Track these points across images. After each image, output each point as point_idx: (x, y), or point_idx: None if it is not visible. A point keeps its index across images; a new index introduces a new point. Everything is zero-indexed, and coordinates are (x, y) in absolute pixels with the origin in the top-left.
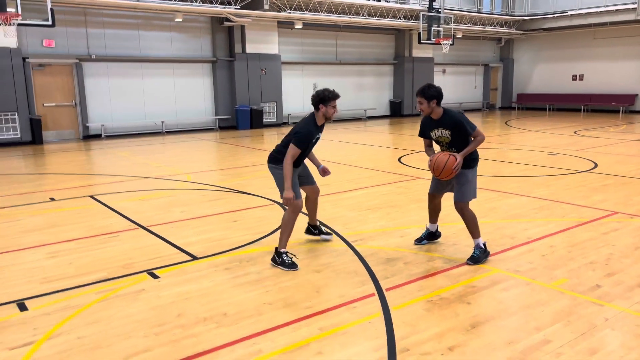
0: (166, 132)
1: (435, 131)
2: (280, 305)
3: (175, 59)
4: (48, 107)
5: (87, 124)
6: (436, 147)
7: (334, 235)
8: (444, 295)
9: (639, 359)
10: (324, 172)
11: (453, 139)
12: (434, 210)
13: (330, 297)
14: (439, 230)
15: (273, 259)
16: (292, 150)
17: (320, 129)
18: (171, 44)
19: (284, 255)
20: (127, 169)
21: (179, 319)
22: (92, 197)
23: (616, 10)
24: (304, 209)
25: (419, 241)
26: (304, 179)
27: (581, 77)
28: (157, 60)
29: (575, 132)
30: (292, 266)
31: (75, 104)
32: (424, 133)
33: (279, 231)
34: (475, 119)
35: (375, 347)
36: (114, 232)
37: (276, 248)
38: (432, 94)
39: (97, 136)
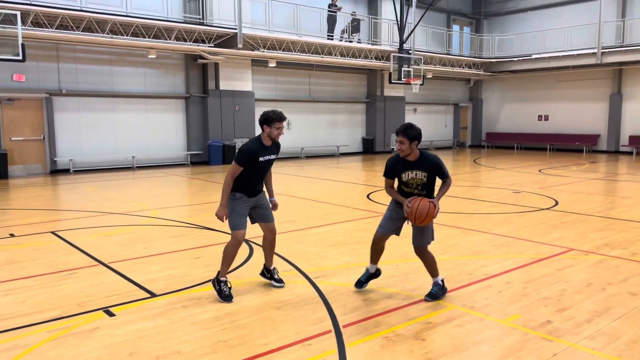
0: (137, 167)
1: (409, 172)
2: (236, 343)
3: (148, 94)
4: (15, 141)
5: (55, 159)
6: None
7: (297, 271)
8: (400, 332)
9: None
10: (273, 204)
11: (428, 181)
12: (379, 252)
13: (287, 334)
14: (379, 269)
15: (213, 282)
16: (232, 168)
17: (270, 150)
18: (144, 80)
19: (222, 285)
20: (94, 205)
21: (131, 358)
22: (54, 233)
23: (577, 54)
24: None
25: (359, 285)
26: (261, 215)
27: (546, 118)
28: (130, 95)
29: (540, 171)
30: (227, 298)
31: (44, 138)
32: (391, 174)
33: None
34: (446, 157)
35: None
36: (73, 269)
37: (218, 273)
38: (415, 134)
39: (65, 171)
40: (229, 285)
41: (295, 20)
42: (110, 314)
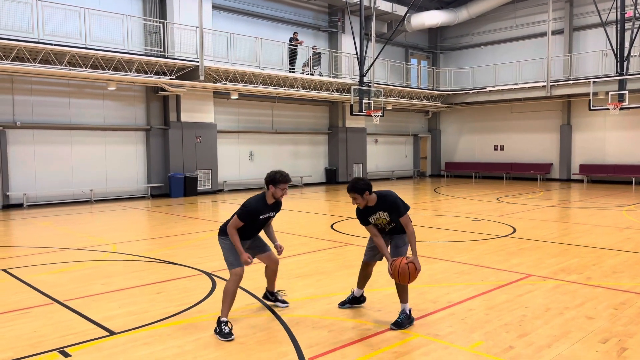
0: (95, 200)
1: (373, 216)
2: None
3: (107, 126)
4: None
5: (7, 193)
6: None
7: (261, 305)
8: None
9: None
10: (278, 249)
11: (392, 218)
12: (365, 278)
13: None
14: (364, 295)
15: (215, 329)
16: (234, 222)
17: (271, 207)
18: (103, 112)
19: (222, 325)
20: (48, 240)
21: None
22: (5, 271)
23: (528, 87)
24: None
25: (342, 304)
26: (258, 249)
27: (502, 147)
28: (88, 127)
29: (497, 199)
30: (227, 336)
31: None
32: (365, 221)
33: (221, 301)
34: (406, 186)
35: None
36: (25, 308)
37: (218, 317)
38: (363, 187)
39: (19, 205)
40: (230, 326)
41: (257, 53)
42: (66, 355)
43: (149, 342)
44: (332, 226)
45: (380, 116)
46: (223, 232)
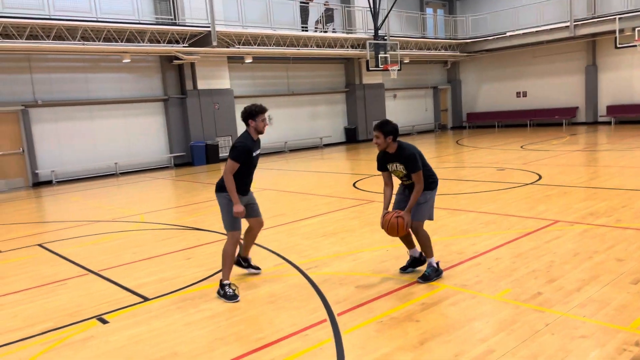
0: (120, 173)
1: (391, 165)
2: (232, 340)
3: (125, 99)
4: None
5: (36, 171)
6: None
7: (289, 265)
8: (394, 315)
9: None
10: None
11: (408, 172)
12: (405, 237)
13: (283, 326)
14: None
15: (217, 292)
16: (230, 166)
17: (257, 145)
18: (120, 85)
19: (226, 287)
20: (79, 214)
21: None
22: (40, 245)
23: (551, 29)
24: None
25: (403, 269)
26: (252, 210)
27: (525, 94)
28: (107, 102)
29: (522, 147)
30: (233, 298)
31: (23, 151)
32: (382, 166)
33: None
34: (428, 140)
35: None
36: (62, 280)
37: (220, 280)
38: (389, 130)
39: (48, 182)
40: (234, 287)
41: (268, 14)
42: (104, 322)
43: (182, 306)
44: (354, 184)
45: (398, 70)
46: (221, 187)
